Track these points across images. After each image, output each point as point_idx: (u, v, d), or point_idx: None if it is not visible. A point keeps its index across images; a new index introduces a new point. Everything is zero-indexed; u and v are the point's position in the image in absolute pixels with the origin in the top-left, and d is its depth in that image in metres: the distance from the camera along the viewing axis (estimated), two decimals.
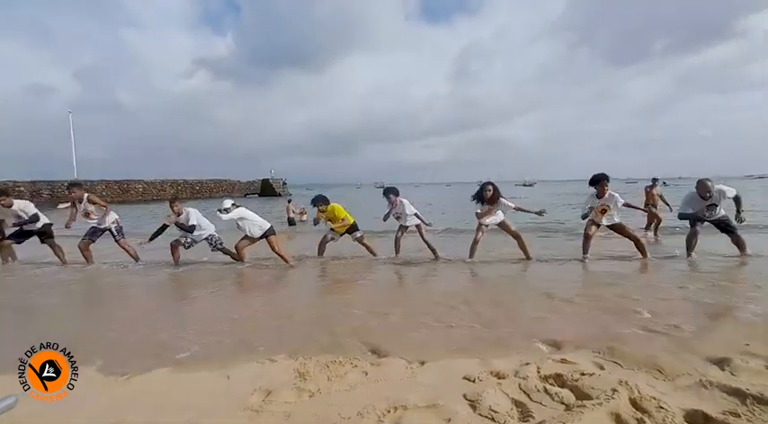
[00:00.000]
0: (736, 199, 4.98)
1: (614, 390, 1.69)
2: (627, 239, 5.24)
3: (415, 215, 5.78)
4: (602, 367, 2.02)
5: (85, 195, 5.80)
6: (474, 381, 1.91)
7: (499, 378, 1.93)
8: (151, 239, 5.70)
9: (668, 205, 7.94)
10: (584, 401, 1.65)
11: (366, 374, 2.05)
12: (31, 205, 5.81)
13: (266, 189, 43.84)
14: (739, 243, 5.02)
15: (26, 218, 5.65)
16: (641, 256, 5.13)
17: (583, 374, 1.88)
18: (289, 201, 10.98)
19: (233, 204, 5.45)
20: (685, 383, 1.83)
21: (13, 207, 5.57)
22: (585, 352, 2.22)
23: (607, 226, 5.26)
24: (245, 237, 5.52)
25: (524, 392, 1.79)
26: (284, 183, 47.10)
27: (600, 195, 5.10)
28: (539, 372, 1.96)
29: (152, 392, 1.96)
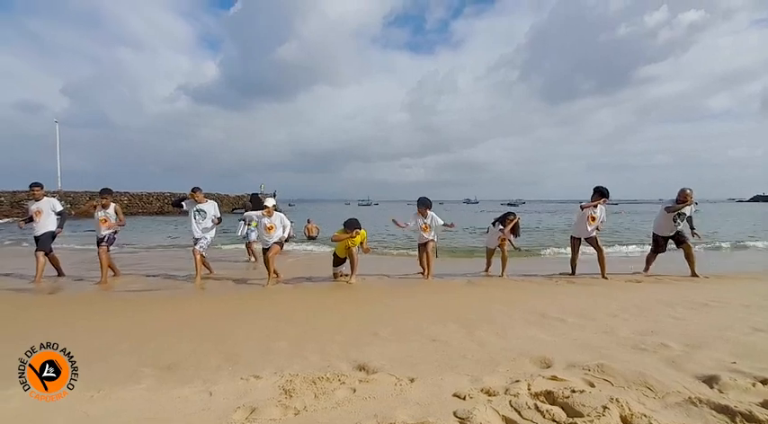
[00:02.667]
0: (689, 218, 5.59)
1: (605, 407, 1.67)
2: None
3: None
4: (592, 385, 2.00)
5: (113, 205, 5.82)
6: (464, 398, 1.87)
7: (490, 395, 1.90)
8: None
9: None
10: (575, 419, 1.63)
11: (354, 391, 1.99)
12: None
13: (256, 204, 43.41)
14: (690, 257, 5.56)
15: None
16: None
17: (574, 391, 1.86)
18: (308, 221, 11.99)
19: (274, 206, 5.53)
20: (675, 400, 1.82)
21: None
22: (576, 370, 2.20)
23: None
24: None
25: (515, 409, 1.75)
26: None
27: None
28: (529, 389, 1.93)
29: (128, 409, 1.87)
